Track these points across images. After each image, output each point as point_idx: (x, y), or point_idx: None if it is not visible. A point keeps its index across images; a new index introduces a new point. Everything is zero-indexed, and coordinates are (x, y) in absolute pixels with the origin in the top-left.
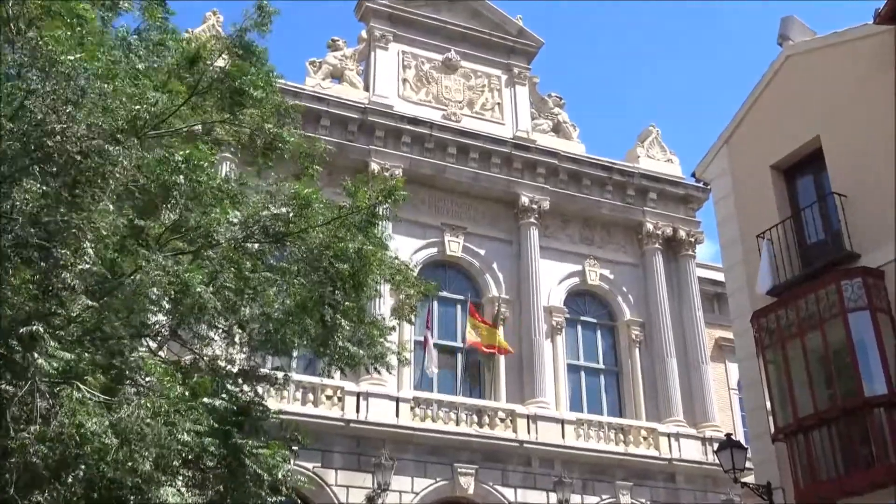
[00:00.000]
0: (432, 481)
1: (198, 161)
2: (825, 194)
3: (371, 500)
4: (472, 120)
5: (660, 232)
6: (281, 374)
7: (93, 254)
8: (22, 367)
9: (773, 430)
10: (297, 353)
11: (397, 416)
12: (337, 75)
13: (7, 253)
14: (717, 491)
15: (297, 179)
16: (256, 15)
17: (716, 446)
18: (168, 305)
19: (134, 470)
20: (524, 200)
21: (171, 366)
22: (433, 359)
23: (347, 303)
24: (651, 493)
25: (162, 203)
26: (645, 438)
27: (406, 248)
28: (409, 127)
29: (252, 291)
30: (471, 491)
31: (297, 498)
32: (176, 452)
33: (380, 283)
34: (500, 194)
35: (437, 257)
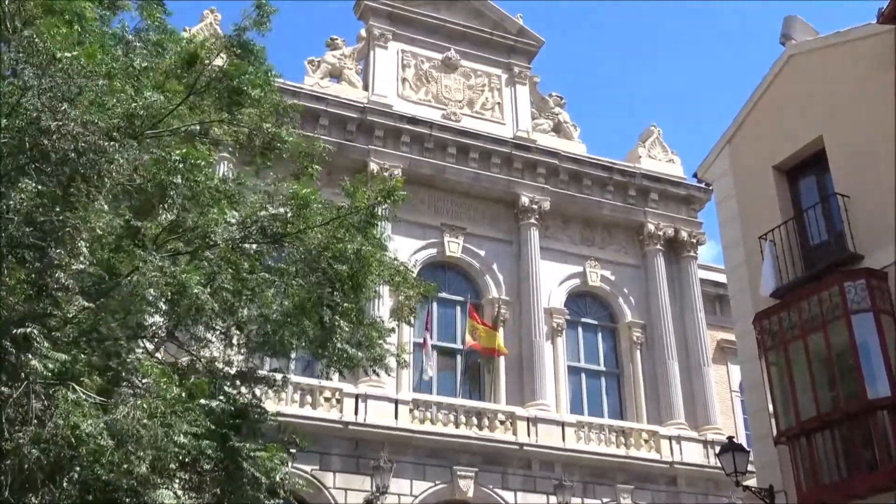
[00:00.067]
0: (431, 484)
1: (195, 161)
2: (828, 195)
3: (370, 503)
4: (472, 120)
5: (661, 233)
6: (279, 376)
7: (88, 253)
8: (16, 369)
9: (775, 432)
10: (295, 354)
11: (396, 418)
12: (336, 74)
13: (2, 252)
14: (719, 494)
15: (296, 179)
16: (255, 14)
17: (717, 449)
18: (165, 307)
19: (130, 472)
20: (524, 201)
21: (168, 367)
22: (431, 360)
23: (346, 304)
24: (652, 497)
25: (159, 203)
26: (646, 441)
27: (405, 248)
28: (408, 127)
29: (250, 292)
30: (470, 494)
31: (295, 501)
32: (172, 455)
33: (379, 284)
34: (501, 194)
35: (437, 258)
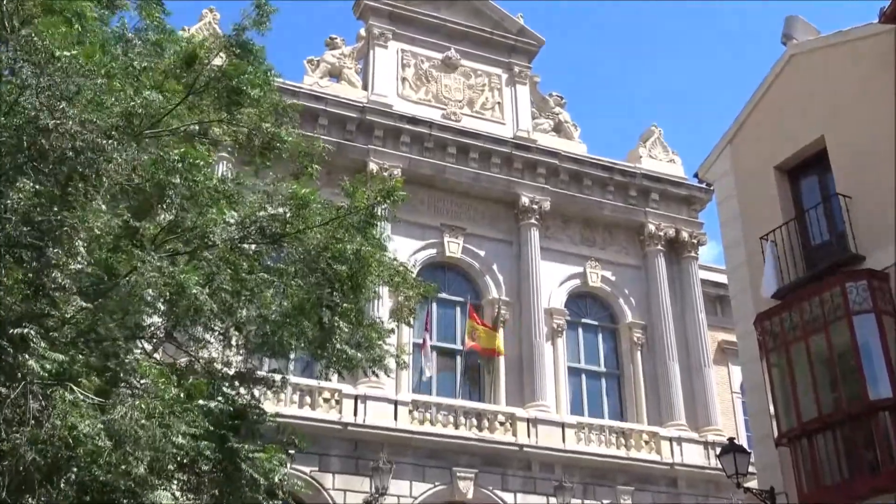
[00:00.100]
0: (431, 485)
1: (194, 160)
2: (829, 195)
3: None
4: (472, 119)
5: (662, 233)
6: (278, 377)
7: (85, 253)
8: (13, 369)
9: (776, 434)
10: (294, 355)
11: (396, 419)
12: (335, 74)
13: (0, 252)
14: (720, 496)
15: (295, 179)
16: (255, 13)
17: (718, 451)
18: (163, 307)
19: (127, 473)
20: (524, 201)
21: (167, 368)
22: (430, 361)
23: (345, 305)
24: (653, 498)
25: (157, 203)
26: (646, 442)
27: (405, 249)
28: (408, 126)
29: (249, 293)
30: (470, 495)
31: (294, 502)
32: (171, 456)
33: (378, 284)
34: (501, 195)
35: (437, 258)
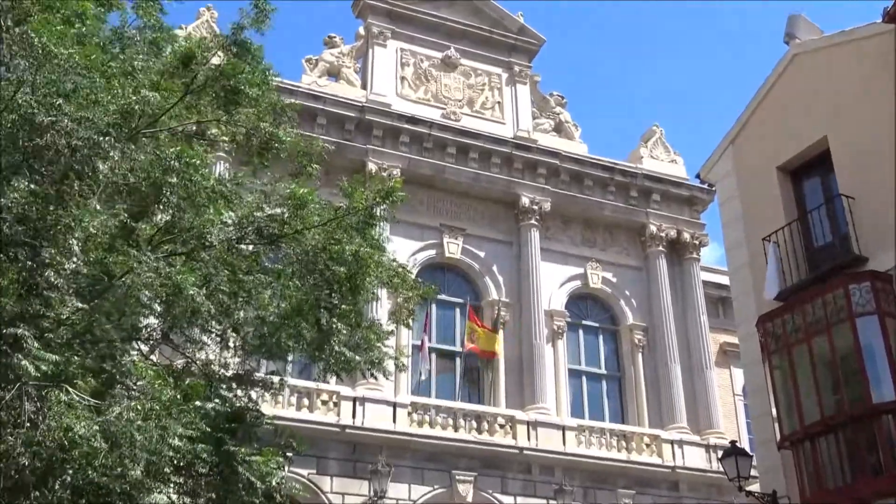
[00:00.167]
0: (430, 489)
1: (191, 160)
2: (832, 196)
3: None
4: (472, 119)
5: (663, 234)
6: (276, 379)
7: (79, 252)
8: (7, 370)
9: (778, 437)
10: (292, 357)
11: (394, 421)
12: (334, 73)
13: None
14: (722, 499)
15: (294, 178)
16: (253, 13)
17: (720, 454)
18: (160, 308)
19: (123, 476)
20: (525, 201)
21: (163, 370)
22: (427, 360)
23: (344, 306)
24: (654, 501)
25: (154, 203)
26: (648, 445)
27: (404, 249)
28: (407, 126)
29: (246, 294)
30: (469, 499)
31: None
32: (167, 458)
33: (377, 286)
34: (501, 195)
35: (436, 259)
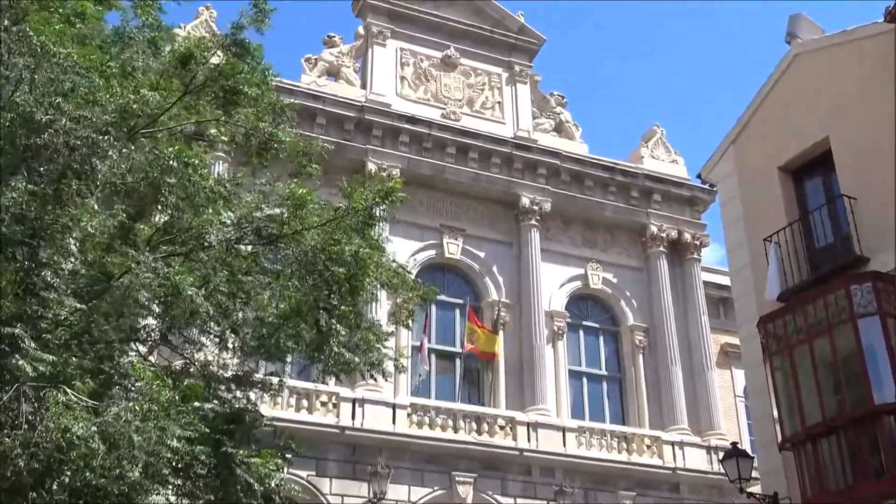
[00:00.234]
0: (430, 490)
1: (189, 160)
2: (834, 196)
3: None
4: (472, 119)
5: (664, 234)
6: (275, 380)
7: (76, 251)
8: (4, 371)
9: (780, 438)
10: (291, 358)
11: (394, 423)
12: (333, 72)
13: None
14: (723, 501)
15: (294, 178)
16: (253, 12)
17: (721, 455)
18: (158, 309)
19: (121, 477)
20: (525, 202)
21: (162, 371)
22: (426, 360)
23: (343, 307)
24: (654, 503)
25: (153, 203)
26: (648, 447)
27: (404, 250)
28: (407, 126)
29: (245, 295)
30: (469, 500)
31: None
32: (166, 460)
33: (376, 286)
34: (501, 195)
35: (436, 260)
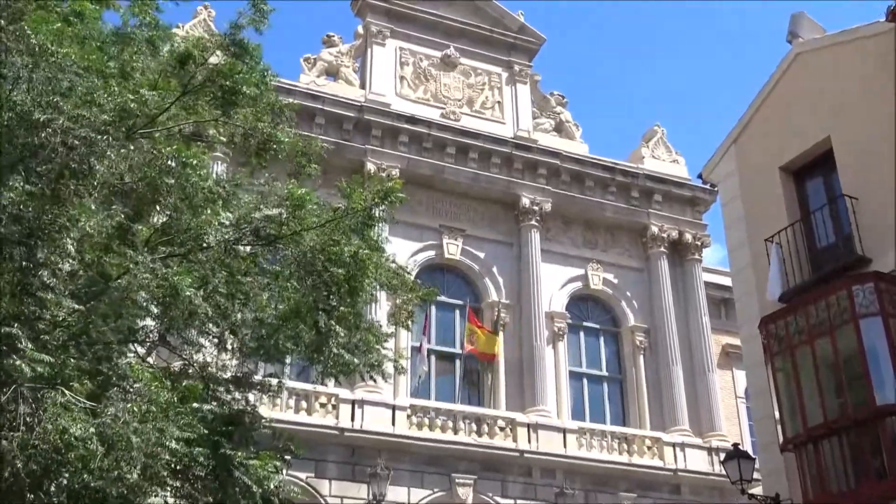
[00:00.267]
0: (430, 492)
1: (188, 160)
2: (836, 196)
3: None
4: (472, 119)
5: (665, 235)
6: (274, 381)
7: (73, 251)
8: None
9: (781, 440)
10: (290, 359)
11: (394, 424)
12: (332, 72)
13: None
14: (724, 503)
15: (294, 178)
16: (252, 12)
17: (722, 457)
18: (157, 310)
19: (120, 479)
20: (525, 202)
21: (160, 372)
22: (425, 363)
23: (342, 308)
24: None
25: (151, 204)
26: (649, 448)
27: (403, 250)
28: (406, 126)
29: (244, 296)
30: (469, 502)
31: None
32: (164, 462)
33: (376, 287)
34: (501, 195)
35: (436, 260)
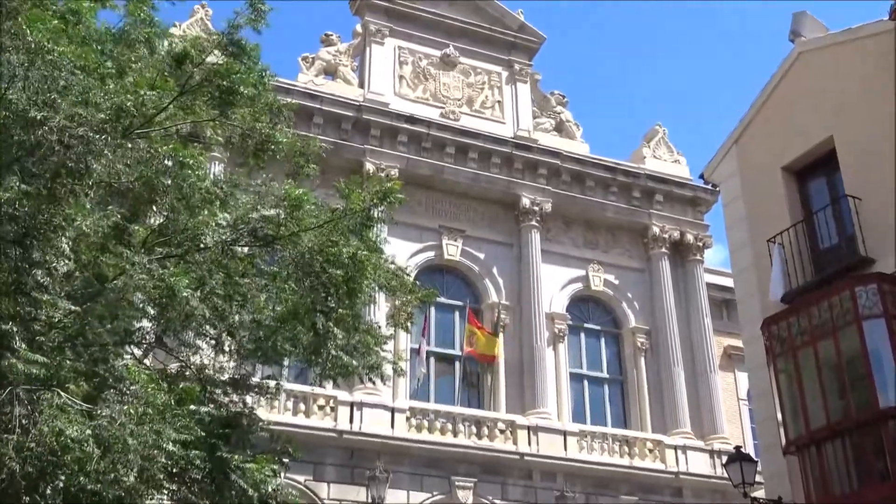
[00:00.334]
0: (429, 495)
1: (185, 160)
2: (838, 197)
3: None
4: (472, 118)
5: (666, 235)
6: (272, 383)
7: (69, 251)
8: None
9: (784, 442)
10: (288, 361)
11: (393, 426)
12: (331, 72)
13: None
14: None
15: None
16: (249, 12)
17: (724, 459)
18: (153, 311)
19: (116, 481)
20: (525, 202)
21: (157, 374)
22: (424, 362)
23: (341, 310)
24: None
25: (148, 204)
26: (651, 451)
27: (402, 251)
28: (405, 126)
29: (241, 297)
30: None
31: None
32: (161, 464)
33: (375, 289)
34: (501, 196)
35: (435, 261)
